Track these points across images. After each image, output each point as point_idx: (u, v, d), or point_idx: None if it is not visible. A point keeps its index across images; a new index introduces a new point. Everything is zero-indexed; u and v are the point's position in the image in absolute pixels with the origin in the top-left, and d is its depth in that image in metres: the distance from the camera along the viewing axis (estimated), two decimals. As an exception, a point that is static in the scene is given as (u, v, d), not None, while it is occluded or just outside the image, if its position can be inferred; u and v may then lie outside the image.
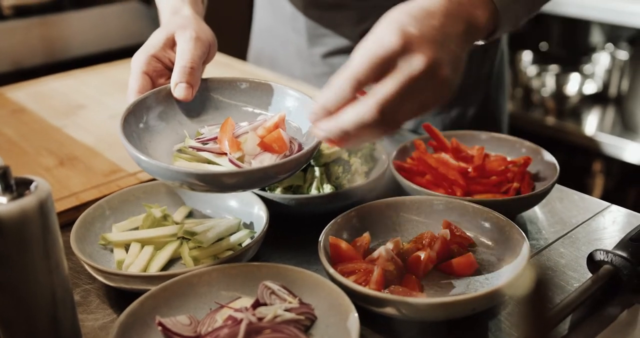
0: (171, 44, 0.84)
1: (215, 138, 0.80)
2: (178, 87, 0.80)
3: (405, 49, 0.64)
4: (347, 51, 1.25)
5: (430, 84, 0.65)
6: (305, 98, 0.84)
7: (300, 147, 0.79)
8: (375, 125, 0.65)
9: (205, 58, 0.85)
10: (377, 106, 0.64)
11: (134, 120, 0.78)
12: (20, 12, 1.64)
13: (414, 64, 0.64)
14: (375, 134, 0.67)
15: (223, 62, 1.51)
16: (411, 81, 0.64)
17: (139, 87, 0.81)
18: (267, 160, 0.77)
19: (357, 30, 1.23)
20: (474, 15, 0.71)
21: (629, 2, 2.00)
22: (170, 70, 0.84)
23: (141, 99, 0.80)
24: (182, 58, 0.81)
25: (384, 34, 0.65)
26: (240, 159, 0.77)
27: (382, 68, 0.64)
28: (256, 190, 0.87)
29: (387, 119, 0.65)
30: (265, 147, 0.78)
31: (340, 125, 0.66)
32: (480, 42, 0.75)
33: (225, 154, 0.78)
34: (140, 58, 0.82)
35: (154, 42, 0.83)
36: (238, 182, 0.71)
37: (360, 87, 0.65)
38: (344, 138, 0.67)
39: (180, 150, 0.80)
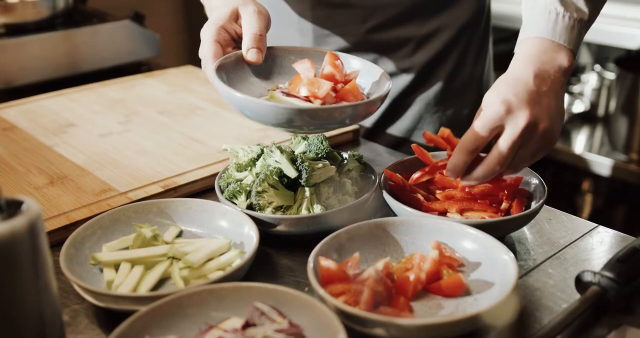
0: (235, 17, 0.93)
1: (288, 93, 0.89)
2: (250, 52, 0.91)
3: (508, 112, 0.82)
4: (350, 51, 1.27)
5: (534, 135, 0.83)
6: (366, 61, 0.96)
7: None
8: (494, 172, 0.84)
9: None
10: (497, 161, 0.82)
11: (220, 77, 0.86)
12: (12, 30, 1.64)
13: (518, 122, 0.82)
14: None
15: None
16: (519, 135, 0.81)
17: (214, 52, 0.90)
18: None
19: (362, 29, 1.26)
20: (557, 65, 0.88)
21: (617, 23, 2.03)
22: (235, 40, 0.94)
23: (224, 59, 0.89)
24: (251, 27, 0.91)
25: (491, 104, 0.83)
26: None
27: (495, 130, 0.82)
28: (246, 210, 0.87)
29: (505, 167, 0.84)
30: (341, 97, 0.87)
31: (475, 179, 0.85)
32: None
33: (310, 101, 0.86)
34: (211, 28, 0.91)
35: (220, 16, 0.92)
36: (328, 117, 0.82)
37: (479, 150, 0.83)
38: (480, 182, 0.86)
39: None
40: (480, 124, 0.83)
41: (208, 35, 0.91)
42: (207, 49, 0.90)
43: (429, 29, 1.27)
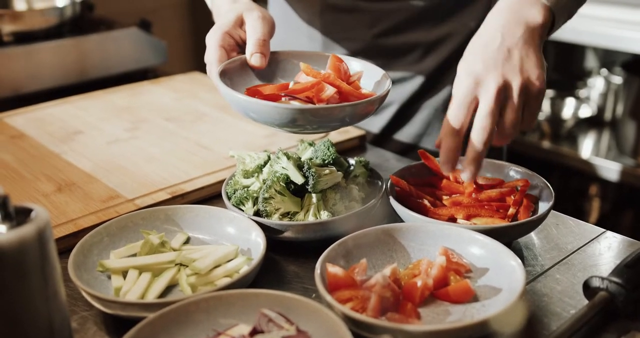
0: (240, 23, 0.94)
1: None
2: (254, 56, 0.92)
3: (476, 83, 0.80)
4: (358, 55, 1.28)
5: (511, 94, 0.80)
6: (366, 63, 0.97)
7: None
8: (485, 148, 0.79)
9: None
10: (479, 136, 0.78)
11: (224, 81, 0.88)
12: (20, 38, 1.65)
13: (488, 89, 0.79)
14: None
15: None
16: (494, 102, 0.78)
17: (219, 57, 0.91)
18: None
19: (370, 34, 1.27)
20: (529, 17, 0.85)
21: (623, 27, 2.03)
22: (240, 46, 0.95)
23: (228, 63, 0.91)
24: (255, 32, 0.92)
25: (459, 80, 0.82)
26: None
27: (471, 105, 0.80)
28: (253, 217, 0.87)
29: (489, 139, 0.79)
30: (345, 99, 0.88)
31: (469, 165, 0.80)
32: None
33: (313, 103, 0.86)
34: (216, 34, 0.92)
35: (225, 22, 0.93)
36: (329, 116, 0.82)
37: (464, 130, 0.80)
38: (479, 165, 0.81)
39: None
40: (455, 104, 0.81)
41: (213, 40, 0.92)
42: (212, 53, 0.91)
43: (438, 34, 1.27)
